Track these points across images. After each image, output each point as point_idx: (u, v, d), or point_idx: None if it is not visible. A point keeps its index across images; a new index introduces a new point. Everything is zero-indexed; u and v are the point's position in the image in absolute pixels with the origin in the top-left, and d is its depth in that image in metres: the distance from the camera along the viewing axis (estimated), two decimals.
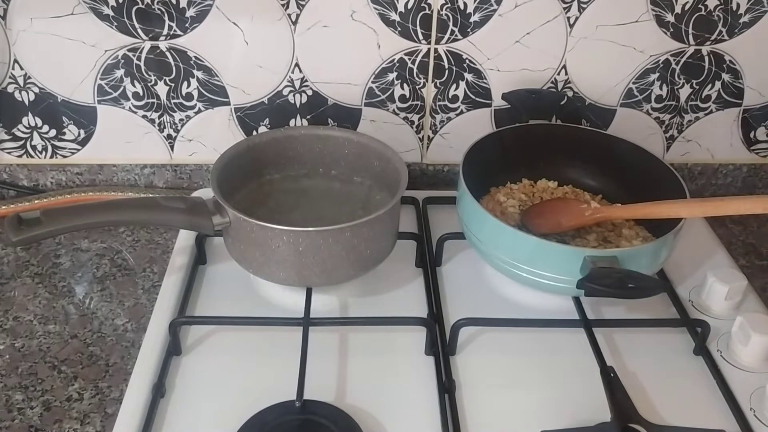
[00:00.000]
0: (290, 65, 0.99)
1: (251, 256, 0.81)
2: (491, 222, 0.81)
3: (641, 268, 0.77)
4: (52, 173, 1.05)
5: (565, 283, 0.78)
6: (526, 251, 0.79)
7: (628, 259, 0.76)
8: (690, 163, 1.10)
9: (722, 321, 0.83)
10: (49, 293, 0.88)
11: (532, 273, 0.80)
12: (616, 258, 0.76)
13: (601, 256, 0.76)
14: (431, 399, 0.73)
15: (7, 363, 0.78)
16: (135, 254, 0.95)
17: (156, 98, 1.00)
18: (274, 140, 0.93)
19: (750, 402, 0.74)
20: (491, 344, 0.81)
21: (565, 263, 0.77)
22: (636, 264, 0.76)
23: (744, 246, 1.01)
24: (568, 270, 0.77)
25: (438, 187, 1.09)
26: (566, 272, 0.77)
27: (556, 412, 0.72)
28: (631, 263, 0.76)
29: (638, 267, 0.76)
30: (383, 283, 0.88)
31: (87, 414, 0.73)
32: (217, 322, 0.82)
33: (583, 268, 0.76)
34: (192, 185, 1.07)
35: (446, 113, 1.04)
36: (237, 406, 0.71)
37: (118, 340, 0.82)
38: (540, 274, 0.79)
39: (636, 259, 0.77)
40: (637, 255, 0.78)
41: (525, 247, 0.79)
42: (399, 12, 0.95)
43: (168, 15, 0.94)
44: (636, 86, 1.03)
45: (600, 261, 0.75)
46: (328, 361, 0.77)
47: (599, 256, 0.76)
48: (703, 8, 0.97)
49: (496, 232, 0.81)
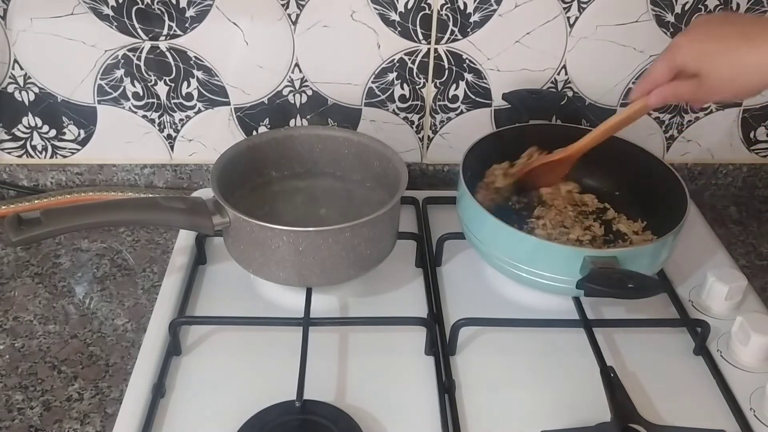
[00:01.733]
0: (290, 65, 0.99)
1: (251, 256, 0.81)
2: (491, 222, 0.81)
3: (641, 269, 0.77)
4: (52, 173, 1.05)
5: (564, 283, 0.78)
6: (526, 251, 0.79)
7: (628, 259, 0.76)
8: (690, 163, 1.10)
9: (722, 321, 0.83)
10: (49, 293, 0.88)
11: (532, 273, 0.80)
12: (616, 258, 0.76)
13: (601, 256, 0.76)
14: (431, 399, 0.73)
15: (7, 363, 0.78)
16: (135, 254, 0.95)
17: (156, 98, 1.00)
18: (274, 140, 0.93)
19: (750, 402, 0.74)
20: (491, 344, 0.81)
21: (564, 263, 0.77)
22: (636, 264, 0.76)
23: (744, 246, 1.01)
24: (567, 270, 0.77)
25: (438, 187, 1.09)
26: (566, 272, 0.77)
27: (556, 412, 0.72)
28: (631, 263, 0.76)
29: (638, 267, 0.76)
30: (383, 283, 0.88)
31: (87, 414, 0.73)
32: (217, 322, 0.82)
33: (583, 268, 0.76)
34: (192, 185, 1.07)
35: (446, 113, 1.04)
36: (237, 406, 0.71)
37: (118, 340, 0.82)
38: (540, 274, 0.79)
39: (636, 260, 0.77)
40: (636, 255, 0.78)
41: (524, 247, 0.79)
42: (399, 12, 0.95)
43: (168, 15, 0.94)
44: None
45: (600, 261, 0.75)
46: (328, 361, 0.77)
47: (599, 256, 0.76)
48: (704, 8, 0.97)
49: (496, 232, 0.81)
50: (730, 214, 1.09)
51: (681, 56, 0.72)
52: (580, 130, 0.93)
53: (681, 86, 0.73)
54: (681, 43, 0.72)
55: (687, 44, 0.72)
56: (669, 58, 0.73)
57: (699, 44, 0.71)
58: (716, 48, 0.70)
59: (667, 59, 0.73)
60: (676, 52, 0.72)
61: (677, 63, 0.72)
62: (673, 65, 0.73)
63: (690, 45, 0.72)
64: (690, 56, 0.71)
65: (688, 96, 0.74)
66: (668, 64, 0.73)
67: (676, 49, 0.73)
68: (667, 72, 0.74)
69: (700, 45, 0.71)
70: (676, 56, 0.72)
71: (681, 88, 0.74)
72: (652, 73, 0.75)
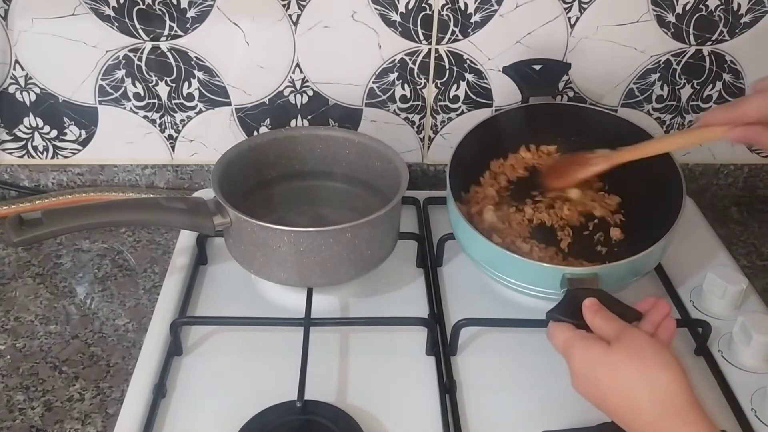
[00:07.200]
0: (291, 66, 0.99)
1: (252, 256, 0.81)
2: (474, 235, 0.80)
3: (626, 279, 0.77)
4: (53, 174, 1.05)
5: (549, 294, 0.76)
6: (507, 265, 0.78)
7: (608, 276, 0.74)
8: (691, 164, 1.10)
9: (723, 321, 0.83)
10: (51, 293, 0.88)
11: (517, 285, 0.79)
12: (597, 275, 0.74)
13: (581, 273, 0.74)
14: (432, 399, 0.73)
15: (9, 363, 0.78)
16: (136, 254, 0.95)
17: (157, 99, 1.00)
18: (275, 141, 0.93)
19: (751, 402, 0.74)
20: (492, 344, 0.81)
21: (543, 279, 0.76)
22: (617, 278, 0.76)
23: (745, 246, 1.01)
24: (548, 284, 0.75)
25: (439, 187, 1.09)
26: (547, 286, 0.76)
27: (557, 412, 0.72)
28: (613, 278, 0.74)
29: (621, 279, 0.76)
30: (384, 283, 0.88)
31: (88, 414, 0.73)
32: (218, 322, 0.82)
33: (562, 284, 0.74)
34: (193, 186, 1.07)
35: (447, 113, 1.04)
36: (238, 407, 0.71)
37: (119, 341, 0.82)
38: (524, 285, 0.78)
39: (617, 274, 0.76)
40: (617, 271, 0.76)
41: (505, 261, 0.78)
42: (400, 12, 0.95)
43: (169, 15, 0.94)
44: (637, 86, 1.03)
45: (579, 279, 0.73)
46: (329, 362, 0.77)
47: (578, 274, 0.74)
48: (704, 8, 0.97)
49: (480, 245, 0.80)
50: (731, 214, 1.08)
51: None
52: (582, 111, 0.92)
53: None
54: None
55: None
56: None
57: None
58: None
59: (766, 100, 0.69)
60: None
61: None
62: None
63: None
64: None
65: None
66: (764, 105, 0.69)
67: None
68: (757, 112, 0.70)
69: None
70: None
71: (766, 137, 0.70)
72: (743, 107, 0.71)
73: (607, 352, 0.61)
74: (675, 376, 0.58)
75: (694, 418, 0.56)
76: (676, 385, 0.57)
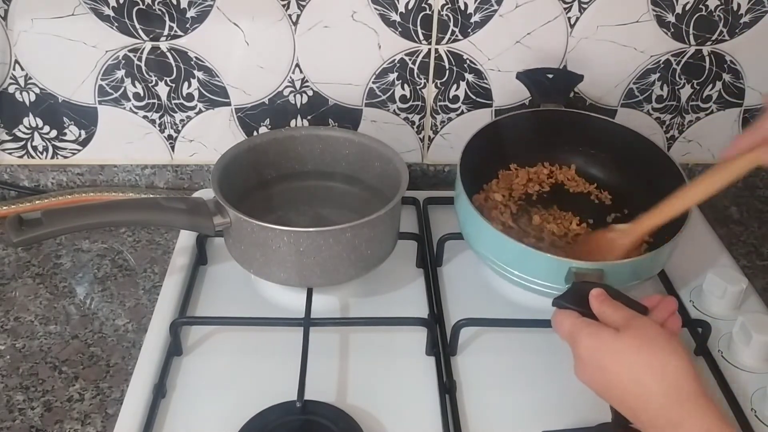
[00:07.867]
0: (291, 66, 0.99)
1: (252, 256, 0.81)
2: (482, 225, 0.79)
3: (630, 281, 0.77)
4: (53, 174, 1.05)
5: (554, 289, 0.76)
6: (514, 256, 0.78)
7: (612, 274, 0.74)
8: (691, 164, 1.10)
9: (723, 321, 0.83)
10: (50, 294, 0.88)
11: (522, 278, 0.79)
12: (602, 271, 0.73)
13: (587, 268, 0.74)
14: (432, 399, 0.73)
15: (8, 363, 0.78)
16: (136, 255, 0.95)
17: (157, 99, 1.00)
18: (275, 141, 0.93)
19: (751, 402, 0.74)
20: (492, 344, 0.81)
21: (549, 272, 0.76)
22: (622, 277, 0.75)
23: (745, 246, 1.01)
24: (554, 278, 0.75)
25: (439, 187, 1.09)
26: (552, 280, 0.76)
27: (557, 412, 0.72)
28: (618, 276, 0.74)
29: (625, 280, 0.76)
30: (384, 283, 0.88)
31: (88, 414, 0.73)
32: (218, 322, 0.82)
33: (567, 278, 0.74)
34: (193, 186, 1.07)
35: (447, 113, 1.04)
36: (238, 407, 0.71)
37: (119, 341, 0.82)
38: (529, 279, 0.78)
39: (622, 273, 0.76)
40: (623, 268, 0.76)
41: (513, 252, 0.78)
42: (399, 12, 0.95)
43: (169, 15, 0.94)
44: (637, 86, 1.03)
45: (585, 274, 0.73)
46: (329, 362, 0.77)
47: (584, 268, 0.74)
48: (704, 8, 0.97)
49: (486, 234, 0.80)
50: (730, 214, 1.08)
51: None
52: (588, 119, 0.92)
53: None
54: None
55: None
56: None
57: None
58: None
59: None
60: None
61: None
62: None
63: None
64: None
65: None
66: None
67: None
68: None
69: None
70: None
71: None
72: (765, 124, 0.71)
73: (615, 339, 0.60)
74: (685, 365, 0.58)
75: (704, 405, 0.56)
76: (686, 373, 0.57)
